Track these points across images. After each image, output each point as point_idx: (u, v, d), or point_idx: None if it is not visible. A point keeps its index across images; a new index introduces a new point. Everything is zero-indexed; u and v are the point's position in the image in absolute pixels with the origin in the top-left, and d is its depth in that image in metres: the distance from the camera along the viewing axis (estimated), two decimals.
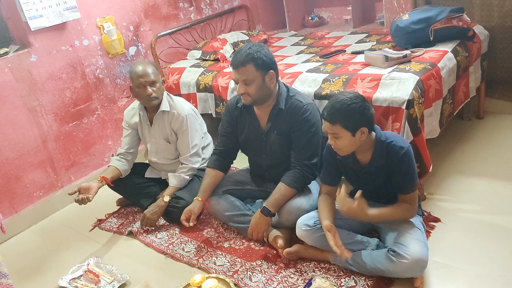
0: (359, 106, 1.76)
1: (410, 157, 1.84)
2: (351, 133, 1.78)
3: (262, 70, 2.10)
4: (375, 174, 1.90)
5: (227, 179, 2.48)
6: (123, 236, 2.60)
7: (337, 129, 1.79)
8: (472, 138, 2.87)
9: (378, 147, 1.85)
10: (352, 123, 1.77)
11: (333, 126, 1.79)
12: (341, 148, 1.85)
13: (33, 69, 2.83)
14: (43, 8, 2.76)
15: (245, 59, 2.08)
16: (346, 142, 1.81)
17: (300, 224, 2.04)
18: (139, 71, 2.47)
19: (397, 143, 1.83)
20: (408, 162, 1.83)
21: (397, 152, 1.82)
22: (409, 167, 1.84)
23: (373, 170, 1.89)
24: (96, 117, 3.22)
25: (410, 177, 1.85)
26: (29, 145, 2.87)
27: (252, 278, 2.05)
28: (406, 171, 1.84)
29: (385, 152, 1.85)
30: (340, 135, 1.80)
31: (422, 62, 2.44)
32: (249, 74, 2.09)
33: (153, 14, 3.48)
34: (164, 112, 2.56)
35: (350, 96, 1.79)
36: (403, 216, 1.89)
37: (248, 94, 2.14)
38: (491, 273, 1.83)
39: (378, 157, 1.86)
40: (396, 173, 1.85)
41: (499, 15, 2.88)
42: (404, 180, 1.85)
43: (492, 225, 2.11)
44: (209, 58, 3.37)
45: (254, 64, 2.08)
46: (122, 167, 2.64)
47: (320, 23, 4.06)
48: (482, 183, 2.43)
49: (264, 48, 2.14)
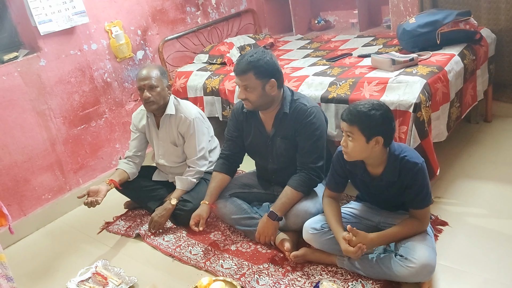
0: (380, 114, 1.73)
1: (424, 173, 1.80)
2: (366, 138, 1.75)
3: (262, 79, 2.11)
4: (385, 188, 1.88)
5: (234, 182, 2.48)
6: (130, 238, 2.61)
7: (353, 130, 1.76)
8: (479, 142, 2.86)
9: (391, 162, 1.81)
10: (369, 128, 1.74)
11: (351, 126, 1.76)
12: (350, 152, 1.81)
13: (42, 73, 2.86)
14: (52, 12, 2.79)
15: (246, 67, 2.08)
16: (358, 147, 1.78)
17: (307, 227, 2.04)
18: (141, 74, 2.48)
19: (412, 159, 1.79)
20: (422, 178, 1.79)
21: (411, 168, 1.78)
22: (423, 183, 1.80)
23: (384, 184, 1.86)
24: (104, 121, 3.24)
25: (424, 193, 1.80)
26: (38, 148, 2.89)
27: (259, 281, 2.05)
28: (420, 187, 1.79)
29: (398, 167, 1.80)
30: (355, 136, 1.76)
31: (429, 65, 2.44)
32: (250, 82, 2.10)
33: (161, 18, 3.51)
34: (171, 115, 2.57)
35: (374, 103, 1.76)
36: (413, 232, 1.84)
37: (248, 100, 2.15)
38: (499, 277, 1.82)
39: (390, 171, 1.82)
40: (409, 189, 1.82)
41: (506, 18, 2.87)
42: (418, 196, 1.81)
43: (500, 229, 2.09)
44: (216, 61, 3.39)
45: (254, 73, 2.08)
46: (130, 170, 2.66)
47: (326, 27, 4.07)
48: (490, 187, 2.42)
49: (267, 55, 2.12)
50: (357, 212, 2.08)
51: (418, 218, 1.84)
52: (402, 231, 1.84)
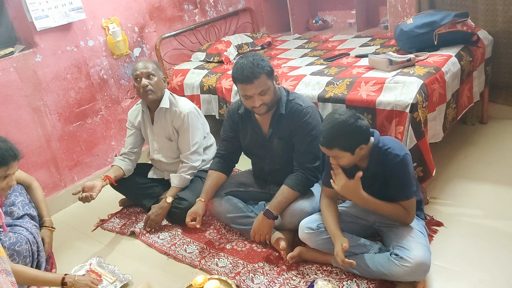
0: (354, 127, 1.76)
1: (405, 165, 1.82)
2: (351, 152, 1.79)
3: (271, 77, 2.13)
4: (372, 179, 1.90)
5: (229, 181, 2.48)
6: (125, 236, 2.60)
7: (335, 153, 1.80)
8: (475, 143, 2.87)
9: (375, 154, 1.85)
10: (350, 144, 1.78)
11: (331, 150, 1.80)
12: (343, 165, 1.85)
13: (38, 69, 2.84)
14: (49, 8, 2.78)
15: (256, 70, 2.08)
16: (347, 161, 1.82)
17: (303, 226, 2.04)
18: (138, 65, 2.52)
19: (394, 151, 1.82)
20: (403, 170, 1.82)
21: (392, 159, 1.81)
22: (404, 175, 1.82)
23: (370, 175, 1.88)
24: (100, 118, 3.23)
25: (404, 185, 1.83)
26: (33, 144, 2.88)
27: (254, 280, 2.05)
28: (400, 179, 1.83)
29: (381, 159, 1.84)
30: (339, 156, 1.80)
31: (426, 66, 2.44)
32: (264, 84, 2.10)
33: (158, 15, 3.50)
34: (166, 110, 2.57)
35: (343, 118, 1.77)
36: (397, 216, 1.88)
37: (264, 104, 2.14)
38: (493, 278, 1.83)
39: (374, 163, 1.86)
40: (391, 179, 1.85)
41: (503, 20, 2.88)
42: (398, 187, 1.84)
43: (495, 230, 2.10)
44: (213, 60, 3.38)
45: (265, 73, 2.09)
46: (126, 166, 2.65)
47: (324, 27, 4.07)
48: (485, 187, 2.43)
49: (261, 55, 2.16)
50: (352, 212, 2.08)
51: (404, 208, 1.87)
52: (390, 208, 1.87)
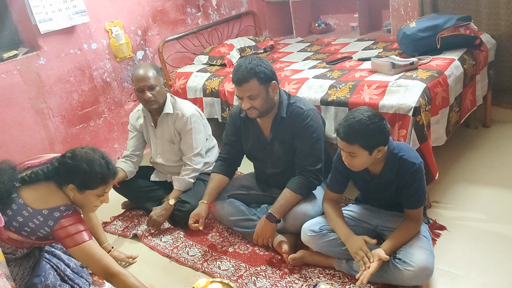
0: (378, 126, 1.73)
1: (421, 173, 1.82)
2: (369, 152, 1.76)
3: (265, 83, 2.10)
4: (384, 186, 1.89)
5: (232, 184, 2.48)
6: (127, 239, 2.60)
7: (354, 149, 1.76)
8: (478, 147, 2.86)
9: (390, 160, 1.83)
10: (371, 143, 1.74)
11: (351, 146, 1.76)
12: (355, 166, 1.82)
13: (42, 71, 2.85)
14: (52, 11, 2.79)
15: (248, 74, 2.07)
16: (362, 161, 1.79)
17: (306, 229, 2.03)
18: (138, 75, 2.47)
19: (409, 158, 1.81)
20: (419, 179, 1.81)
21: (408, 168, 1.80)
22: (420, 184, 1.82)
23: (383, 182, 1.88)
24: (103, 120, 3.24)
25: (419, 193, 1.83)
26: (36, 147, 2.89)
27: (257, 283, 2.04)
28: (416, 187, 1.82)
29: (396, 166, 1.82)
30: (357, 154, 1.77)
31: (429, 69, 2.44)
32: (254, 90, 2.08)
33: (161, 19, 3.51)
34: (168, 114, 2.57)
35: (368, 115, 1.74)
36: (411, 236, 1.86)
37: (254, 108, 2.13)
38: (496, 282, 1.82)
39: (389, 170, 1.84)
40: (405, 188, 1.84)
41: (506, 24, 2.88)
42: (413, 196, 1.83)
43: (498, 234, 2.10)
44: (215, 63, 3.39)
45: (257, 79, 2.07)
46: (128, 168, 2.66)
47: (326, 30, 4.08)
48: (488, 191, 2.42)
49: (263, 60, 2.14)
50: (356, 215, 2.08)
51: (412, 218, 1.87)
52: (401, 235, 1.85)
